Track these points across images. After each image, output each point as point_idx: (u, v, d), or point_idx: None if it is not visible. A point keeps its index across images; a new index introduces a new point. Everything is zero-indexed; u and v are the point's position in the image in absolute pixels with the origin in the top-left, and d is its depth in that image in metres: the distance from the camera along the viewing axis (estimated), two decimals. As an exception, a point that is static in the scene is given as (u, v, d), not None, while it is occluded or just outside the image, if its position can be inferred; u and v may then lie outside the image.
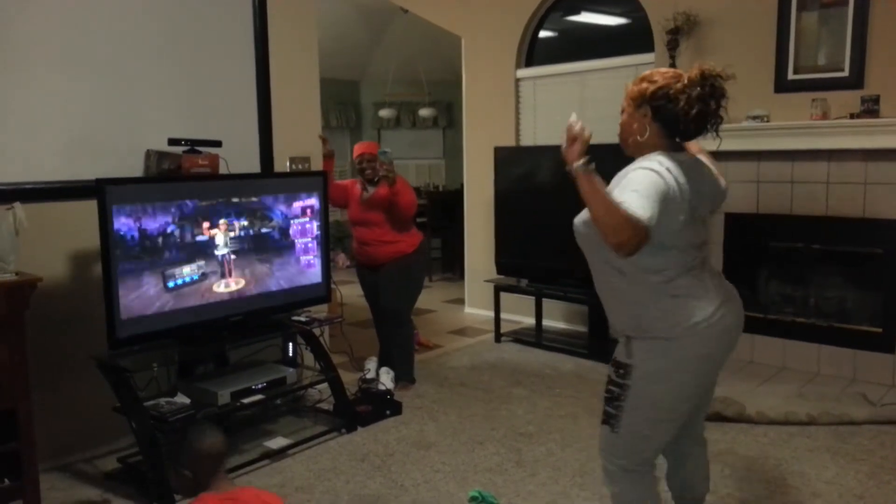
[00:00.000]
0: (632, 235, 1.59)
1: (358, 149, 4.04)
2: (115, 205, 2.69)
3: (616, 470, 1.98)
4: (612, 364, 1.94)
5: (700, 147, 2.04)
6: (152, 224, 2.82)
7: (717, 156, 2.11)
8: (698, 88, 1.77)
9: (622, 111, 1.93)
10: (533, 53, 5.40)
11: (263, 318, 3.31)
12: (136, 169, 3.20)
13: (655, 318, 1.84)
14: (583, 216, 1.85)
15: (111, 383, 2.79)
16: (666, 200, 1.70)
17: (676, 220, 1.77)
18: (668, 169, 1.76)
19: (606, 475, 2.02)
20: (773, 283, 4.40)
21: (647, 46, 4.62)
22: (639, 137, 1.87)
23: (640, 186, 1.68)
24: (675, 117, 1.81)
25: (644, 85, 1.85)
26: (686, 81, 1.79)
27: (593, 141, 1.77)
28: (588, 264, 1.96)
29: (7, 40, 2.85)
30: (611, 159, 1.98)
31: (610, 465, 1.99)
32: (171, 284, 2.89)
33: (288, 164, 3.87)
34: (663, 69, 1.90)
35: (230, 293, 3.13)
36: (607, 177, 1.90)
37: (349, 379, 3.80)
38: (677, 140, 1.89)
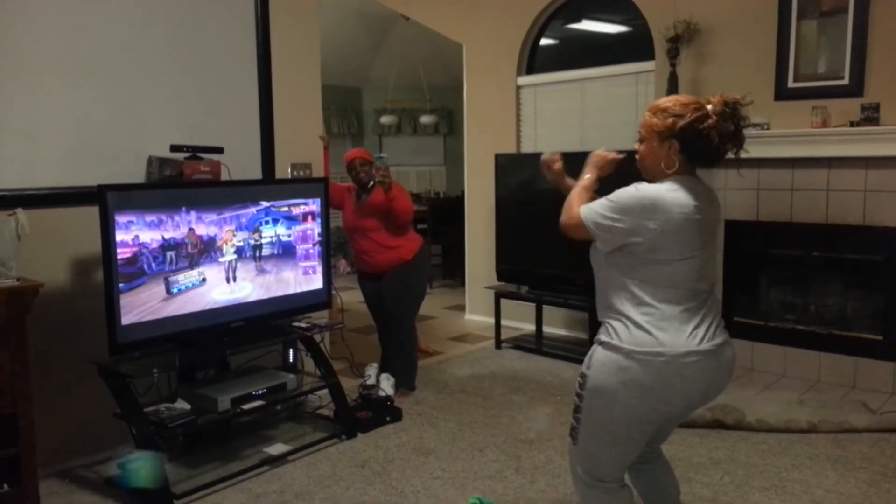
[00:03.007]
0: (566, 222, 1.92)
1: (350, 154, 4.00)
2: (116, 211, 2.70)
3: (579, 482, 1.99)
4: (580, 373, 1.94)
5: None
6: (154, 230, 2.83)
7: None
8: (730, 125, 1.79)
9: (641, 140, 1.90)
10: (534, 61, 5.42)
11: (264, 324, 3.32)
12: (137, 175, 3.21)
13: (625, 329, 1.81)
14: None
15: (112, 389, 2.79)
16: (644, 215, 1.76)
17: (677, 242, 1.78)
18: (674, 194, 1.79)
19: (575, 486, 2.03)
20: (773, 291, 4.40)
21: (648, 54, 4.63)
22: (667, 171, 1.85)
23: (613, 203, 1.82)
24: (704, 150, 1.81)
25: (671, 120, 1.81)
26: (714, 118, 1.78)
27: (594, 148, 1.80)
28: (593, 272, 1.97)
29: (9, 46, 2.87)
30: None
31: (575, 475, 2.00)
32: (174, 290, 2.90)
33: (289, 170, 3.88)
34: (682, 98, 1.86)
35: (231, 299, 3.13)
36: (608, 185, 1.92)
37: (349, 385, 3.80)
38: (695, 165, 1.89)
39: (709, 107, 1.80)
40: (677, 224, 1.76)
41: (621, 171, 2.02)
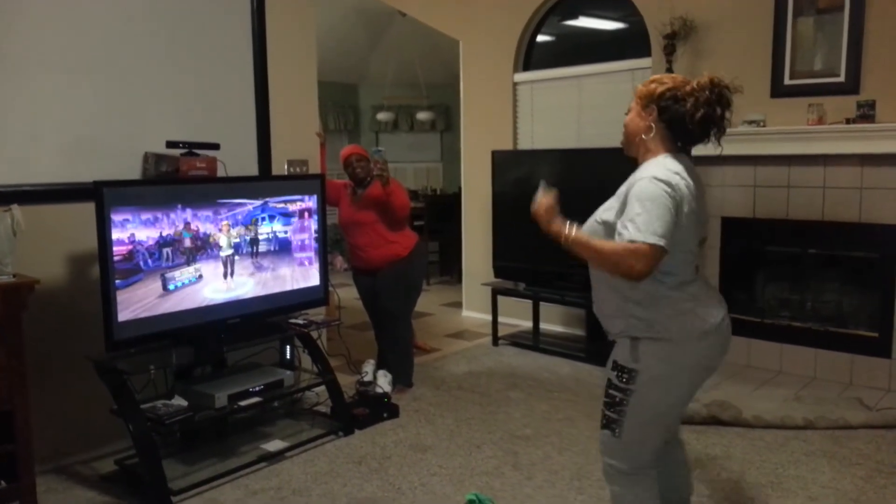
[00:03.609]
0: (632, 265, 1.69)
1: (346, 151, 4.01)
2: (112, 207, 2.69)
3: (616, 473, 1.99)
4: (615, 368, 1.92)
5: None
6: (150, 227, 2.82)
7: (714, 160, 2.13)
8: (706, 93, 1.82)
9: (628, 111, 1.96)
10: (531, 57, 5.42)
11: (261, 320, 3.32)
12: (134, 171, 3.20)
13: (669, 319, 1.84)
14: (587, 229, 1.90)
15: (108, 385, 2.79)
16: (676, 207, 1.75)
17: (688, 222, 1.81)
18: (675, 172, 1.80)
19: (607, 476, 2.03)
20: (769, 288, 4.41)
21: (645, 51, 4.63)
22: (644, 136, 1.90)
23: (646, 205, 1.72)
24: (681, 118, 1.84)
25: (653, 86, 1.90)
26: (695, 85, 1.84)
27: (591, 145, 1.81)
28: (588, 266, 1.96)
29: (6, 43, 2.86)
30: (608, 164, 2.00)
31: (611, 468, 2.00)
32: (170, 287, 2.90)
33: (286, 166, 3.87)
34: (674, 74, 1.94)
35: (228, 296, 3.13)
36: (605, 182, 1.92)
37: (346, 382, 3.80)
38: (679, 144, 1.91)
39: (694, 81, 1.85)
40: (685, 193, 1.80)
41: (618, 166, 2.01)
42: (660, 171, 1.79)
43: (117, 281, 2.72)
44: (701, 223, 1.92)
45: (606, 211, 1.89)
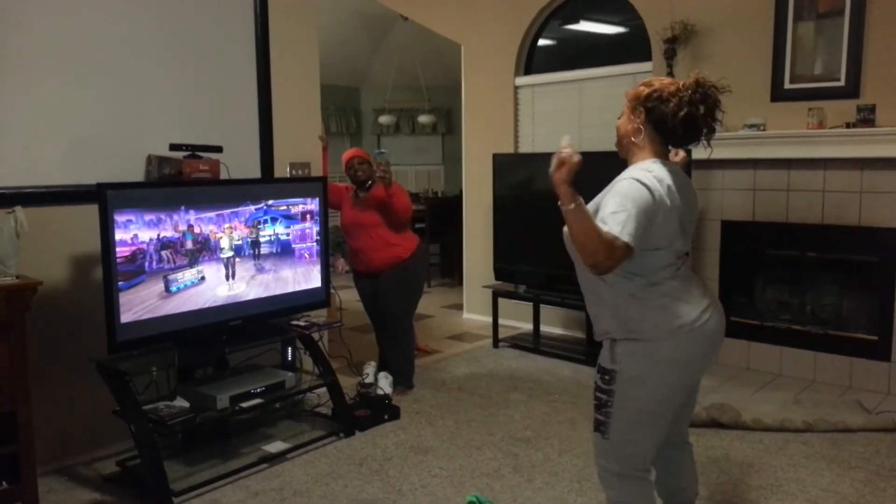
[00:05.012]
0: (606, 257, 1.69)
1: (348, 154, 4.03)
2: (116, 209, 2.71)
3: (610, 476, 2.00)
4: (598, 370, 1.96)
5: (683, 157, 2.07)
6: (153, 229, 2.83)
7: (714, 163, 2.14)
8: (689, 92, 1.83)
9: (621, 115, 1.98)
10: (532, 61, 5.43)
11: (263, 322, 3.33)
12: (137, 174, 3.22)
13: (641, 319, 1.86)
14: None
15: (111, 386, 2.80)
16: (653, 210, 1.77)
17: (667, 225, 1.82)
18: (657, 177, 1.81)
19: (602, 480, 2.04)
20: (769, 291, 4.42)
21: (645, 55, 4.65)
22: (633, 138, 1.92)
23: (624, 202, 1.74)
24: (665, 118, 1.85)
25: (641, 88, 1.92)
26: (680, 85, 1.86)
27: (592, 149, 1.82)
28: (576, 269, 1.98)
29: (9, 45, 2.87)
30: (609, 167, 2.01)
31: (604, 470, 2.01)
32: (173, 289, 2.91)
33: (288, 169, 3.89)
34: (665, 78, 1.95)
35: (230, 297, 3.14)
36: (605, 185, 1.93)
37: (348, 383, 3.81)
38: (668, 146, 1.94)
39: (680, 83, 1.87)
40: (664, 195, 1.81)
41: (619, 170, 2.02)
42: (642, 174, 1.81)
43: (120, 283, 2.74)
44: (685, 234, 1.92)
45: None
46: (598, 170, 2.10)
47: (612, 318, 1.91)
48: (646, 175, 1.81)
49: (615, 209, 1.74)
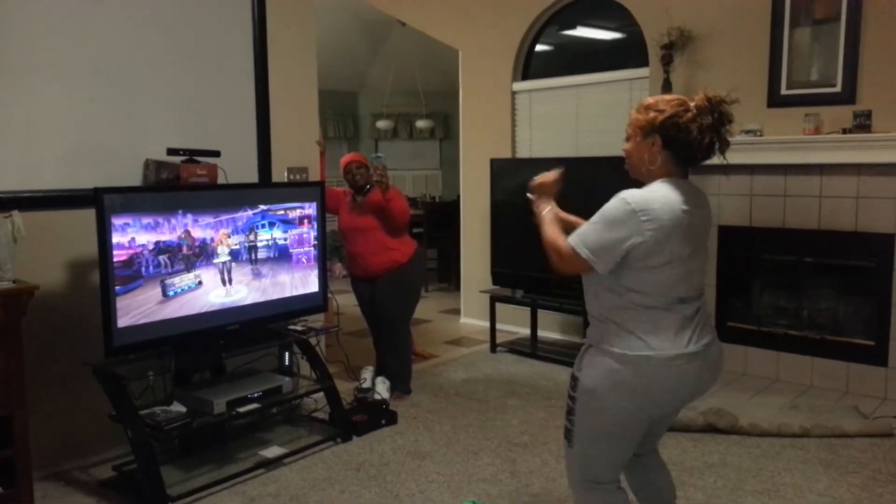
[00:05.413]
0: (555, 260, 1.87)
1: (346, 159, 4.03)
2: (113, 213, 2.70)
3: (573, 483, 2.00)
4: (571, 376, 1.95)
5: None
6: (150, 233, 2.83)
7: (711, 169, 2.14)
8: (709, 118, 1.79)
9: (627, 138, 1.91)
10: (529, 67, 5.45)
11: (260, 327, 3.32)
12: (134, 178, 3.22)
13: (615, 333, 1.82)
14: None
15: (107, 391, 2.79)
16: (634, 228, 1.74)
17: (665, 243, 1.76)
18: (665, 202, 1.77)
19: (571, 489, 2.04)
20: (766, 296, 4.43)
21: (642, 61, 4.66)
22: (650, 167, 1.86)
23: (598, 218, 1.81)
24: (689, 146, 1.81)
25: (652, 114, 1.83)
26: (695, 111, 1.79)
27: (589, 154, 1.82)
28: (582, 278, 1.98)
29: (6, 49, 2.88)
30: (607, 173, 2.02)
31: (569, 478, 2.01)
32: (170, 294, 2.91)
33: (286, 174, 3.89)
34: (667, 96, 1.88)
35: (227, 302, 3.14)
36: (603, 190, 1.93)
37: (345, 388, 3.81)
38: (684, 164, 1.88)
39: (691, 103, 1.81)
40: (668, 226, 1.76)
41: (616, 176, 2.03)
42: (641, 193, 1.79)
43: (117, 287, 2.73)
44: (696, 259, 1.84)
45: None
46: (596, 175, 2.11)
47: (597, 323, 1.90)
48: (643, 195, 1.78)
49: (591, 220, 1.82)
